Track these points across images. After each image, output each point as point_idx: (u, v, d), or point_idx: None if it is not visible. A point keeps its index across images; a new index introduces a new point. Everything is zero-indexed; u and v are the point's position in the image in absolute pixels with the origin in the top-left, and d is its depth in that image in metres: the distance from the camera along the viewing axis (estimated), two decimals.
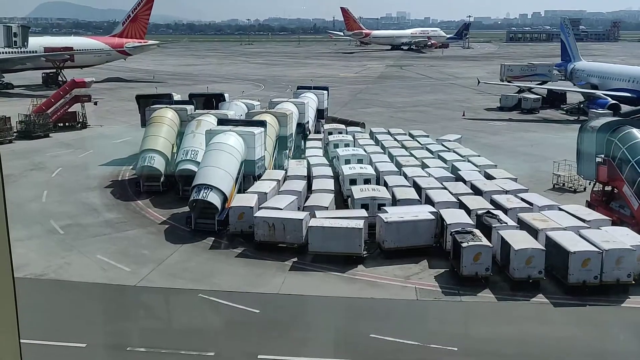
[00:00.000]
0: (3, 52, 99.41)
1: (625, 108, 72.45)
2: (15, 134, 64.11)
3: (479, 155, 49.24)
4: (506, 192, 38.54)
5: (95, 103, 76.40)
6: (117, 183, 47.95)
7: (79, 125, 72.07)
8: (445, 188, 38.93)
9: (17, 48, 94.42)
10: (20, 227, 36.51)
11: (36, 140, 63.59)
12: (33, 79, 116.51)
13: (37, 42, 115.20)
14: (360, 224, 32.33)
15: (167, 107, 51.17)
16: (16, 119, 65.26)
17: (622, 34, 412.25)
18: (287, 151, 49.78)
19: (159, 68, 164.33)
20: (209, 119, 47.43)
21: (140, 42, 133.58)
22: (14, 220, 37.21)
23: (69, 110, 71.46)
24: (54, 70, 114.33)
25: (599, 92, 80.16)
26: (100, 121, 75.36)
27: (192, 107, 52.93)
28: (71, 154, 58.67)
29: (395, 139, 55.99)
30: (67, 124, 71.33)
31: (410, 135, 58.60)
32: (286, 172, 43.97)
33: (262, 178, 41.64)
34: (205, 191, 36.58)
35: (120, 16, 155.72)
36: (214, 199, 36.37)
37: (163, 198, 43.81)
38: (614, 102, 73.72)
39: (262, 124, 44.43)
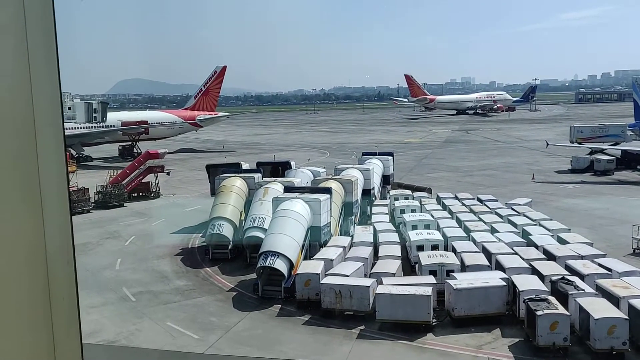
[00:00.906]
0: (84, 127, 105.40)
1: None
2: (92, 204, 67.14)
3: (551, 219, 47.71)
4: (582, 257, 36.93)
5: (168, 173, 79.54)
6: (187, 251, 49.04)
7: (152, 194, 74.81)
8: (516, 253, 37.74)
9: (96, 123, 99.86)
10: (94, 294, 37.67)
11: (112, 210, 66.34)
12: (110, 151, 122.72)
13: (114, 117, 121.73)
14: (428, 290, 31.60)
15: (235, 176, 52.61)
16: (94, 190, 68.52)
17: None
18: (353, 217, 49.78)
19: (228, 138, 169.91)
20: (275, 187, 48.32)
21: (211, 114, 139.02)
22: (89, 287, 38.56)
23: (143, 180, 74.53)
24: (130, 143, 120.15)
25: None
26: (172, 190, 78.01)
27: (259, 175, 54.17)
28: (144, 222, 60.72)
29: (463, 204, 55.14)
30: (141, 193, 74.16)
31: (479, 199, 57.60)
32: (352, 239, 43.85)
33: (328, 244, 41.65)
34: (272, 258, 36.84)
35: (192, 90, 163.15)
36: (281, 265, 36.54)
37: (231, 265, 44.40)
38: None
39: (328, 190, 44.84)
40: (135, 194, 73.49)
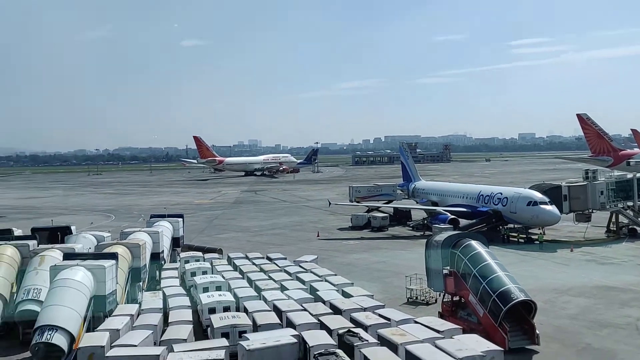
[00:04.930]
0: None
1: (462, 222, 78.76)
2: None
3: (335, 274, 50.36)
4: (364, 309, 39.31)
5: None
6: None
7: None
8: (305, 309, 39.00)
9: None
10: None
11: None
12: None
13: None
14: (221, 354, 31.08)
15: (6, 244, 47.40)
16: None
17: (453, 155, 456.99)
18: (141, 283, 47.62)
19: None
20: (53, 254, 44.52)
21: None
22: None
23: None
24: None
25: (439, 209, 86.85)
26: None
27: (34, 242, 49.63)
28: None
29: (254, 263, 55.95)
30: None
31: (268, 258, 58.91)
32: (140, 306, 41.81)
33: (114, 314, 39.12)
34: (50, 333, 33.48)
35: None
36: (60, 340, 33.32)
37: (0, 344, 39.38)
38: (452, 217, 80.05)
39: (113, 256, 42.45)
40: None
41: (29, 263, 44.46)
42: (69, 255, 43.14)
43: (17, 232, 55.01)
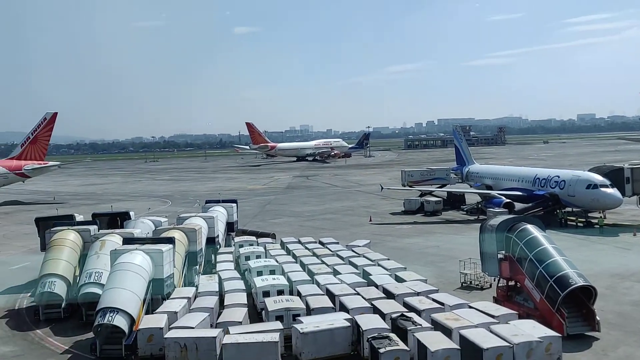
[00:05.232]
0: None
1: (518, 206, 77.12)
2: None
3: (388, 259, 50.21)
4: (417, 293, 39.12)
5: None
6: (13, 313, 44.54)
7: None
8: (358, 294, 39.10)
9: None
10: None
11: None
12: None
13: None
14: (275, 336, 31.56)
15: (68, 229, 49.25)
16: None
17: (508, 137, 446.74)
18: (198, 267, 48.68)
19: (60, 189, 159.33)
20: (113, 239, 45.94)
21: (40, 164, 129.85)
22: None
23: None
24: None
25: (493, 192, 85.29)
26: None
27: (95, 227, 51.25)
28: None
29: (306, 248, 56.34)
30: None
31: (321, 242, 59.20)
32: (197, 289, 42.80)
33: (171, 297, 40.19)
34: (111, 315, 34.70)
35: (19, 138, 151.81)
36: (121, 322, 34.51)
37: (65, 325, 41.03)
38: (507, 200, 78.50)
39: (170, 240, 43.51)
40: None
41: (91, 247, 46.05)
42: (128, 240, 44.46)
43: (79, 217, 56.79)
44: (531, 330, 30.91)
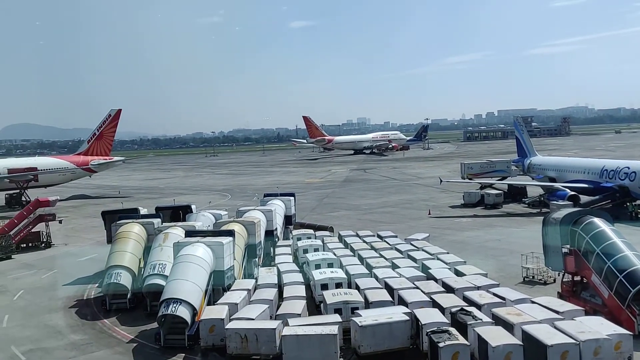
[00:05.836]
0: None
1: (584, 198, 74.60)
2: None
3: (447, 253, 49.54)
4: (478, 288, 38.45)
5: (60, 221, 75.57)
6: (82, 302, 46.42)
7: (43, 244, 70.74)
8: (417, 287, 38.73)
9: None
10: None
11: None
12: None
13: (0, 164, 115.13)
14: (334, 329, 31.63)
15: (133, 222, 50.83)
16: None
17: (573, 128, 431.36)
18: (257, 259, 49.32)
19: (125, 183, 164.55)
20: (176, 232, 47.11)
21: (106, 159, 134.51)
22: None
23: (33, 230, 70.36)
24: (18, 191, 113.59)
25: (557, 185, 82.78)
26: (65, 240, 74.11)
27: (159, 220, 52.67)
28: (34, 275, 57.01)
29: (364, 241, 56.18)
30: (30, 244, 69.97)
31: (379, 236, 58.90)
32: (256, 281, 43.37)
33: (232, 288, 40.90)
34: (174, 305, 35.62)
35: (85, 135, 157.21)
36: (183, 312, 35.39)
37: (131, 315, 42.46)
38: (573, 193, 76.03)
39: (230, 233, 44.25)
40: (25, 245, 69.21)
41: (154, 240, 47.42)
42: (190, 233, 45.54)
43: (143, 211, 58.47)
44: (599, 328, 29.85)
